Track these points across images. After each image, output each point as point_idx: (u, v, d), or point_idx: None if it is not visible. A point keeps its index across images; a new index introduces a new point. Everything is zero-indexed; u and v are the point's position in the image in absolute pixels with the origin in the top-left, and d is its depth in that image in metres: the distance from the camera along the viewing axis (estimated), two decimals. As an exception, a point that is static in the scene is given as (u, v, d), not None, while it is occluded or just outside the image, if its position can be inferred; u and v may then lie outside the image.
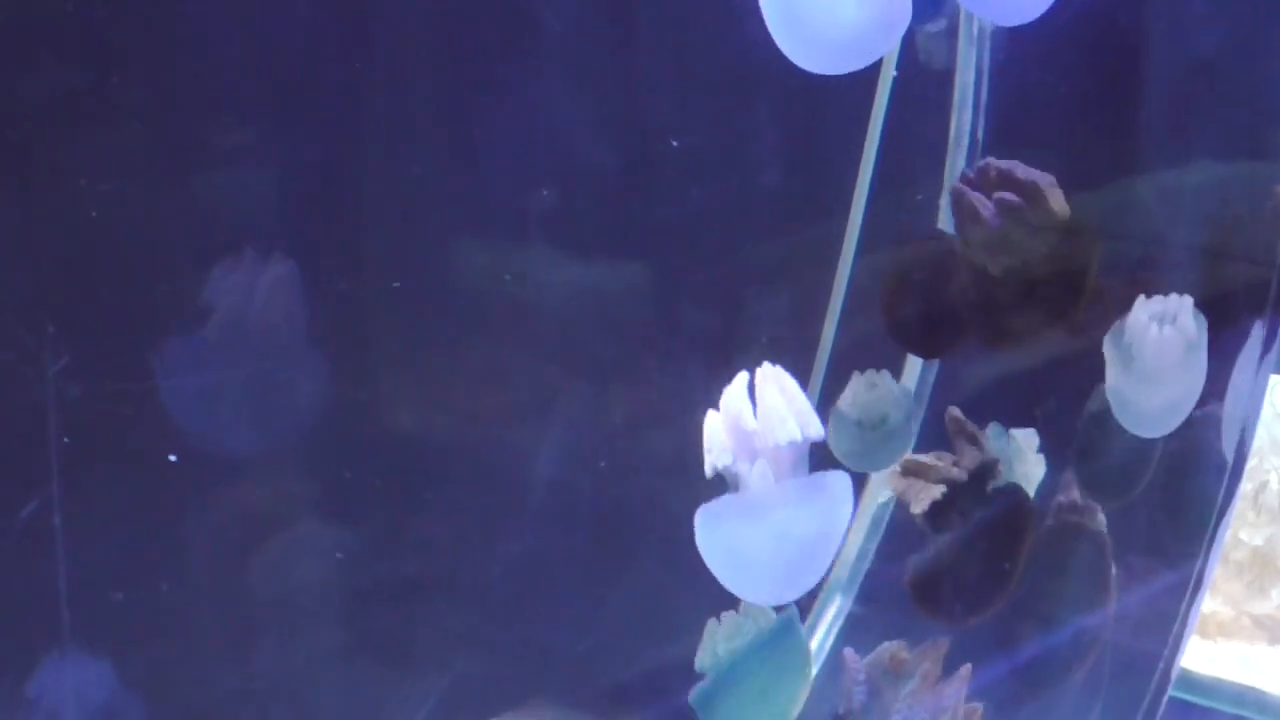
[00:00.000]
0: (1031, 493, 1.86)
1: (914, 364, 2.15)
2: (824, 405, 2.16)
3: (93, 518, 1.74)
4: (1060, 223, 1.72)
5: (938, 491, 1.75)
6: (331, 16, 1.80)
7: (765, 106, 1.96)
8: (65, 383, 1.67)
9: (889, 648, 1.75)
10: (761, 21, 1.61)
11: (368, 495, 1.91)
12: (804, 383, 2.13)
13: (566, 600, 2.09)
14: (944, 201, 2.05)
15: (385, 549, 1.94)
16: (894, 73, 1.92)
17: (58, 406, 1.68)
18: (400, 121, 1.88)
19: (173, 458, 1.76)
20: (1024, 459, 1.85)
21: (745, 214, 2.03)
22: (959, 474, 1.75)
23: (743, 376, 1.47)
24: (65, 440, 1.68)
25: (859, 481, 2.17)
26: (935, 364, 2.12)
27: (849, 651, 1.76)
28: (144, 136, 1.75)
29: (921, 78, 1.98)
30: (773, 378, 1.46)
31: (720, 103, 1.95)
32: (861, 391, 1.85)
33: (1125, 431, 1.76)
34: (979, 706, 1.74)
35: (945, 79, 2.04)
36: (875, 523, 2.17)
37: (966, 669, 1.74)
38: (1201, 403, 1.82)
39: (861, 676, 1.71)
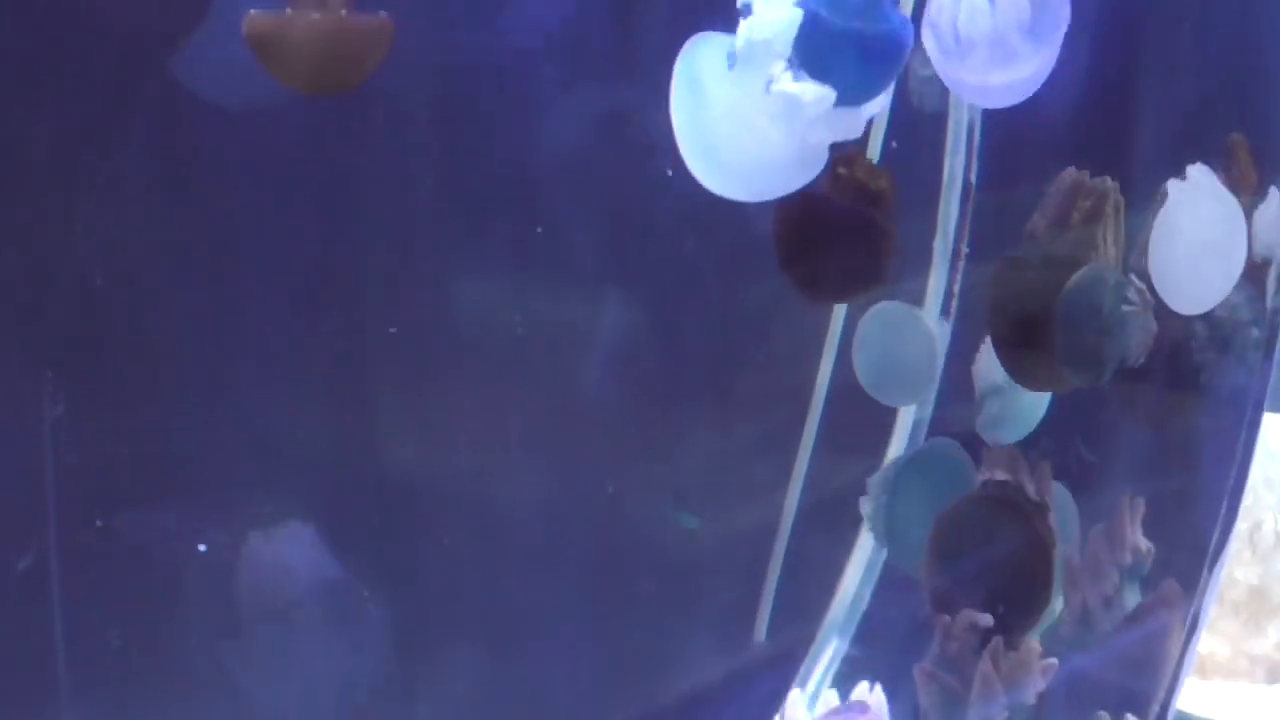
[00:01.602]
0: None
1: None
2: (822, 443, 2.16)
3: (89, 565, 1.74)
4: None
5: (1002, 476, 1.76)
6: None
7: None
8: (63, 431, 1.67)
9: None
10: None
11: (365, 535, 1.92)
12: (800, 419, 2.16)
13: (563, 638, 2.09)
14: (936, 244, 2.07)
15: (382, 588, 1.94)
16: (893, 145, 1.95)
17: (55, 455, 1.69)
18: (397, 165, 1.89)
19: (202, 548, 1.77)
20: None
21: (742, 254, 2.03)
22: (1032, 488, 1.75)
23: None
24: (62, 490, 1.68)
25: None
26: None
27: (919, 667, 1.77)
28: (143, 182, 1.77)
29: (915, 121, 1.99)
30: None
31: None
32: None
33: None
34: (1054, 661, 1.75)
35: (938, 122, 2.06)
36: (870, 566, 2.17)
37: (1035, 646, 1.75)
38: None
39: (935, 699, 1.72)
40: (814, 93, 1.49)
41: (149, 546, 1.78)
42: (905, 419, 2.12)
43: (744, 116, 1.51)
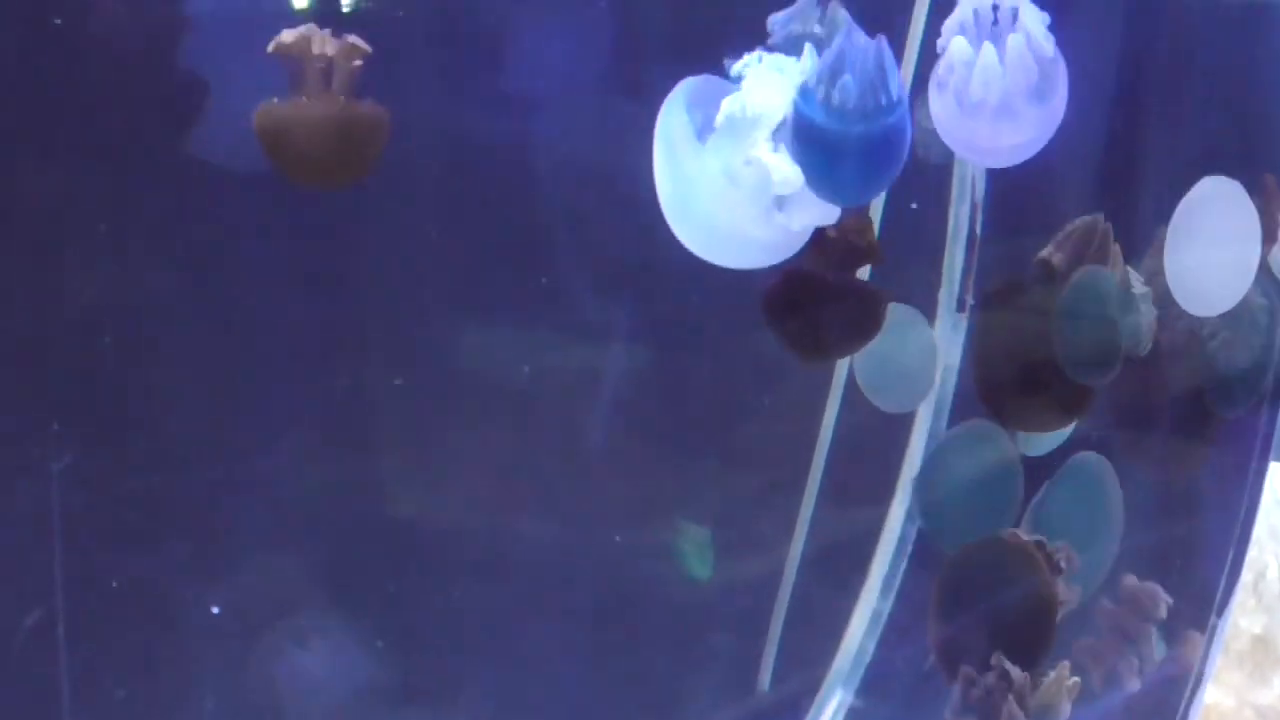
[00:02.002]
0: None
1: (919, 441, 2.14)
2: (825, 492, 2.16)
3: (95, 624, 1.73)
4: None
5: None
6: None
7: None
8: (69, 487, 1.67)
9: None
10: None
11: (370, 591, 1.91)
12: (804, 471, 2.16)
13: (567, 688, 2.08)
14: (941, 297, 2.06)
15: (387, 643, 1.93)
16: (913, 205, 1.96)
17: (61, 512, 1.68)
18: (401, 215, 1.90)
19: (215, 609, 1.76)
20: None
21: (746, 306, 2.04)
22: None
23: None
24: (67, 547, 1.68)
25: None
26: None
27: None
28: (150, 233, 1.77)
29: (920, 171, 2.00)
30: None
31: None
32: None
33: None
34: (1078, 679, 1.75)
35: (944, 172, 2.06)
36: (875, 616, 2.17)
37: (1063, 674, 1.75)
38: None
39: None
40: (784, 173, 1.46)
41: (154, 598, 1.77)
42: (911, 471, 2.12)
43: (720, 190, 1.49)
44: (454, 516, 1.98)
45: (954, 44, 1.53)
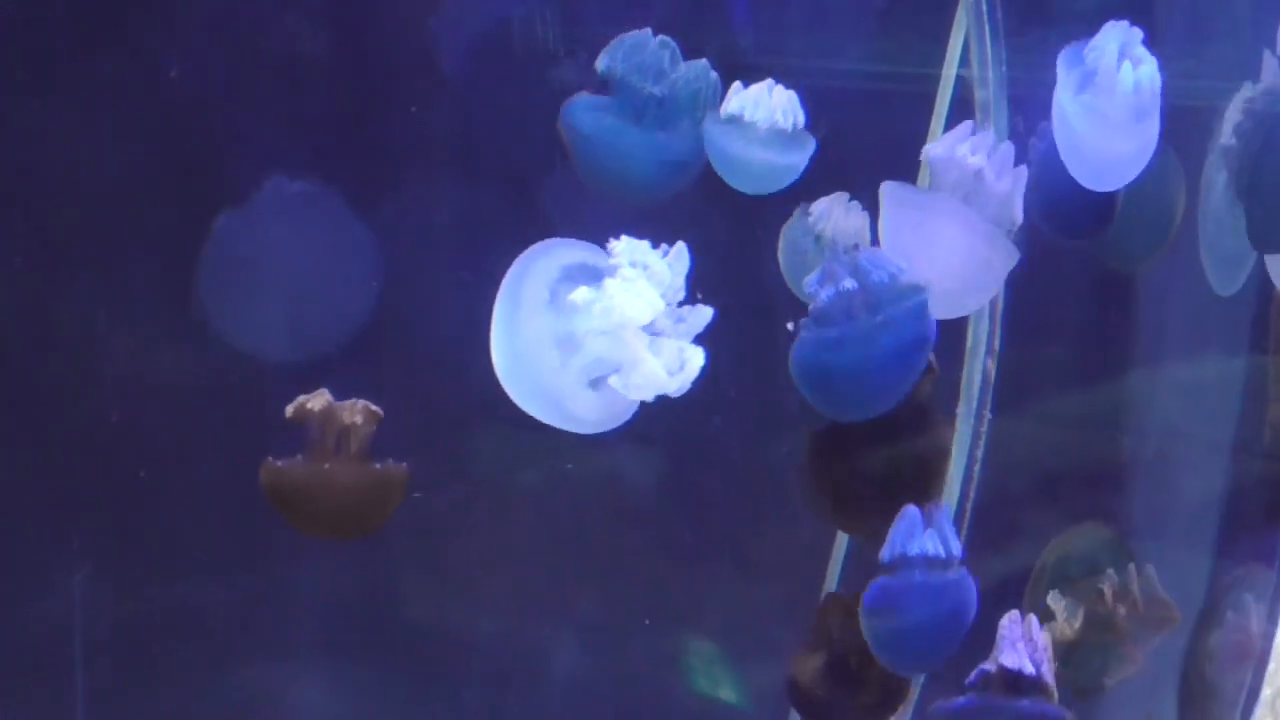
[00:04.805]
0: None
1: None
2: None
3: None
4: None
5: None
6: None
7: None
8: (90, 598, 1.66)
9: None
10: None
11: (390, 699, 1.89)
12: (820, 581, 2.15)
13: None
14: (960, 409, 2.05)
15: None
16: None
17: (83, 622, 1.67)
18: (412, 312, 1.90)
19: None
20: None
21: (762, 416, 2.04)
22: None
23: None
24: (89, 656, 1.66)
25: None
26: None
27: None
28: (168, 346, 1.77)
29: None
30: None
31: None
32: None
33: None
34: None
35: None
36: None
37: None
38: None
39: None
40: (652, 375, 1.46)
41: (176, 708, 1.76)
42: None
43: (544, 355, 1.49)
44: (472, 627, 1.97)
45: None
